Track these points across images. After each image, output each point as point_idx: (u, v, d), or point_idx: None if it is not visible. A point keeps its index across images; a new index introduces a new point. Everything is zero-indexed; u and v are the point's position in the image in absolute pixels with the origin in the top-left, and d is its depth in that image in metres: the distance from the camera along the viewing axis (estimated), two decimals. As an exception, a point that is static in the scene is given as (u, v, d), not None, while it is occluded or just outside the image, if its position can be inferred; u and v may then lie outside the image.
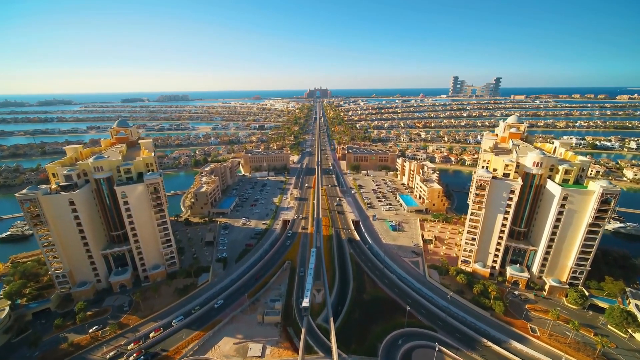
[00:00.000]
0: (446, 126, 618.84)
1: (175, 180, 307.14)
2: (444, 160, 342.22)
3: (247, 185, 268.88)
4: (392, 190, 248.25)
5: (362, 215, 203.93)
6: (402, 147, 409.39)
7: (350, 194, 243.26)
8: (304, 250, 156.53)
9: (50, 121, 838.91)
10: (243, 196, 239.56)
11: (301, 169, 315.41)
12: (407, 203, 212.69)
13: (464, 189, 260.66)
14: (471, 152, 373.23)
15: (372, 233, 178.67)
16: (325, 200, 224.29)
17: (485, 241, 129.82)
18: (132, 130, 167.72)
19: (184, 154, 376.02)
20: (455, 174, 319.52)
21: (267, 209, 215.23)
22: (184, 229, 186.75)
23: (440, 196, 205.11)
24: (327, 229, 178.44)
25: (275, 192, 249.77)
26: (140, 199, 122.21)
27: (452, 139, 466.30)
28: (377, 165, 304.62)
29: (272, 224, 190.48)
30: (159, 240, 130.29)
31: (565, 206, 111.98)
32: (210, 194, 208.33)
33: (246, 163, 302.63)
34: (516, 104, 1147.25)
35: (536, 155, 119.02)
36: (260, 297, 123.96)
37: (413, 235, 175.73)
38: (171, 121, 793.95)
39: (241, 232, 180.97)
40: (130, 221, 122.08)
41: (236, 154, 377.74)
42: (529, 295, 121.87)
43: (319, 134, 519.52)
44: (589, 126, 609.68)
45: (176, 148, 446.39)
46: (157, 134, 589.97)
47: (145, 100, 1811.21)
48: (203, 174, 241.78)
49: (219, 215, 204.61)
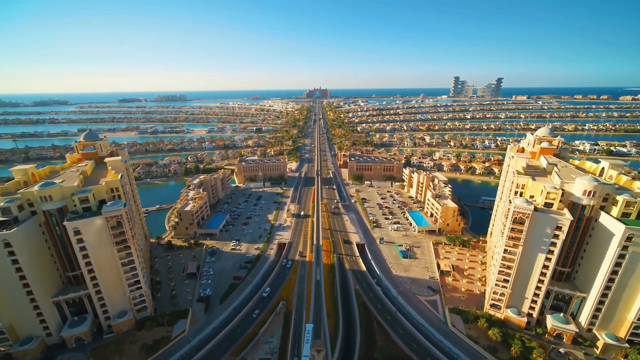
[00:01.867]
0: (450, 129, 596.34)
1: (163, 191, 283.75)
2: (453, 168, 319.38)
3: (240, 198, 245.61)
4: (400, 205, 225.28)
5: (368, 236, 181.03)
6: (406, 153, 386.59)
7: (354, 209, 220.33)
8: (301, 286, 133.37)
9: (41, 123, 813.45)
10: (235, 212, 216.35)
11: (299, 178, 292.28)
12: (418, 222, 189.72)
13: (478, 202, 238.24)
14: (480, 159, 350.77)
15: (379, 260, 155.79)
16: (326, 218, 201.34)
17: (521, 284, 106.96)
18: (101, 144, 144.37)
19: (174, 161, 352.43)
20: (465, 184, 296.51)
21: (260, 228, 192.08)
22: (165, 254, 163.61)
23: (455, 215, 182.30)
24: (328, 256, 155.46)
25: (271, 206, 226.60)
26: (99, 235, 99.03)
27: (459, 144, 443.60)
28: (381, 175, 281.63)
29: (266, 249, 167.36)
30: (124, 283, 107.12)
31: (629, 249, 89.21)
32: (197, 212, 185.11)
33: (240, 173, 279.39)
34: (519, 105, 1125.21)
35: (588, 182, 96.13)
36: (247, 355, 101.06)
37: (427, 264, 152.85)
38: (166, 123, 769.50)
39: (230, 260, 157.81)
40: (87, 262, 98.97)
41: (230, 161, 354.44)
42: (577, 355, 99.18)
43: (319, 137, 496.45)
44: (599, 129, 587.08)
45: (168, 153, 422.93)
46: (150, 137, 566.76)
47: (142, 101, 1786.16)
48: (190, 188, 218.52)
49: (207, 236, 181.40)
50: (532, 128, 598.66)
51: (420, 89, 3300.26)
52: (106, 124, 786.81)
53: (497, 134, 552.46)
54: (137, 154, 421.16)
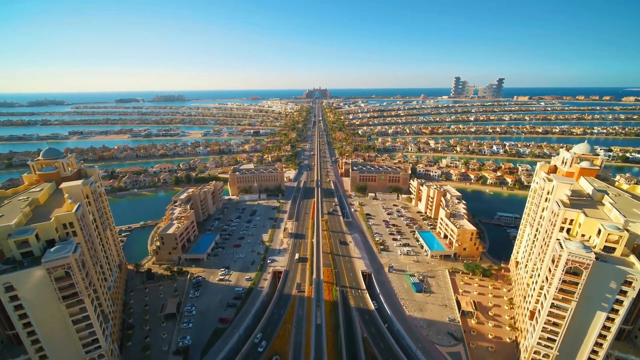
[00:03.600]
0: (455, 133, 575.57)
1: (151, 203, 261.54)
2: (462, 177, 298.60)
3: (232, 213, 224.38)
4: (409, 223, 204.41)
5: (375, 262, 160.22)
6: (410, 159, 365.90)
7: (357, 227, 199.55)
8: (298, 334, 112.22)
9: (33, 124, 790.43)
10: (226, 231, 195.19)
11: (298, 188, 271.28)
12: (431, 246, 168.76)
13: (494, 219, 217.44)
14: (490, 167, 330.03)
15: (389, 295, 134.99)
16: (327, 239, 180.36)
17: (571, 345, 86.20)
18: (65, 162, 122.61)
19: (165, 168, 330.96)
20: (475, 195, 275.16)
21: (254, 252, 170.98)
22: (143, 286, 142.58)
23: (473, 239, 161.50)
24: (330, 289, 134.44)
25: (266, 224, 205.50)
26: (40, 290, 77.92)
27: (465, 149, 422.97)
28: (386, 187, 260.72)
29: (259, 279, 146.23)
30: (77, 343, 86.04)
31: None
32: (182, 235, 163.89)
33: (234, 184, 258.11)
34: (522, 107, 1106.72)
35: (664, 223, 75.46)
36: None
37: (445, 300, 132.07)
38: (161, 125, 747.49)
39: (217, 294, 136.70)
40: (26, 322, 77.97)
41: (225, 169, 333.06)
42: None
43: (319, 142, 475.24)
44: (608, 133, 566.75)
45: (159, 160, 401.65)
46: (143, 141, 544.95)
47: (140, 101, 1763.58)
48: (177, 204, 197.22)
49: (192, 262, 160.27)
50: (539, 131, 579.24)
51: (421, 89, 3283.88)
52: (100, 125, 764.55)
53: (503, 138, 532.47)
54: (127, 160, 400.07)
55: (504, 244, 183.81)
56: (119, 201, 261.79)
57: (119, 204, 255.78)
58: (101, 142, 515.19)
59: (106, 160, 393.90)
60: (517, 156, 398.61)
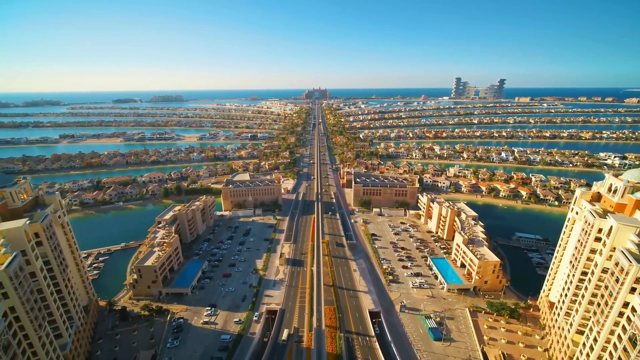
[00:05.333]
0: (459, 137, 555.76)
1: (137, 219, 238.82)
2: (472, 189, 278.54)
3: (224, 232, 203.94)
4: (419, 245, 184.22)
5: (383, 297, 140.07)
6: (416, 167, 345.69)
7: (362, 250, 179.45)
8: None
9: (25, 127, 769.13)
10: (216, 256, 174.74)
11: (296, 202, 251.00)
12: (446, 277, 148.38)
13: (512, 239, 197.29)
14: (501, 176, 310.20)
15: (403, 345, 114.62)
16: (329, 266, 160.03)
17: None
18: (12, 191, 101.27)
19: (155, 178, 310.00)
20: (487, 209, 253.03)
21: (245, 284, 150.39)
22: (114, 332, 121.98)
23: (496, 271, 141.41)
24: (333, 337, 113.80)
25: (261, 246, 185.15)
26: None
27: (472, 156, 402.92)
28: (392, 201, 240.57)
29: (250, 322, 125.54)
30: None
31: None
32: (163, 266, 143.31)
33: (226, 198, 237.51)
34: (525, 108, 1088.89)
35: None
36: None
37: (469, 351, 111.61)
38: (156, 128, 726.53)
39: (200, 342, 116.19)
40: None
41: (218, 179, 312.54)
42: None
43: (319, 147, 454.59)
44: (618, 137, 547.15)
45: (151, 167, 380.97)
46: (136, 145, 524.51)
47: (137, 101, 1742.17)
48: (161, 225, 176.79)
49: (174, 299, 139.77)
50: (547, 135, 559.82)
51: (421, 89, 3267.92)
52: (93, 128, 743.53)
53: (509, 143, 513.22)
54: (116, 167, 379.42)
55: (528, 273, 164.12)
56: (102, 217, 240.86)
57: (101, 221, 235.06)
58: (92, 147, 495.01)
59: (94, 168, 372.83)
60: (528, 164, 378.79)
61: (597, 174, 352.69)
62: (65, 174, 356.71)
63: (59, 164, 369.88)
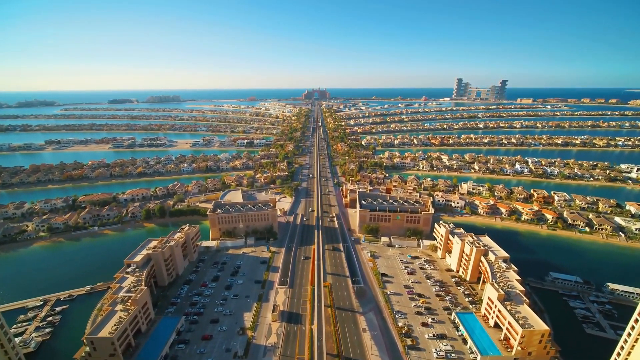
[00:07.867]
0: (467, 144, 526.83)
1: (112, 247, 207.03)
2: (491, 211, 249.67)
3: (208, 271, 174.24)
4: (439, 290, 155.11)
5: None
6: (425, 182, 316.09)
7: (371, 297, 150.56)
8: None
9: (12, 130, 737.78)
10: (196, 306, 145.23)
11: (294, 228, 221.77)
12: (479, 344, 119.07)
13: (546, 281, 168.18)
14: (520, 194, 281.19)
15: None
16: (332, 325, 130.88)
17: None
18: None
19: (138, 195, 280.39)
20: (508, 235, 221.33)
21: (229, 351, 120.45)
22: None
23: (544, 342, 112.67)
24: None
25: (251, 292, 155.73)
26: None
27: (484, 168, 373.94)
28: (403, 228, 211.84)
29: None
30: None
31: None
32: (125, 333, 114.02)
33: (214, 225, 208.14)
34: (529, 111, 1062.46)
35: None
36: None
37: None
38: (149, 132, 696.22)
39: None
40: None
41: (207, 196, 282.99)
42: None
43: (318, 157, 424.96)
44: (634, 145, 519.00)
45: (137, 179, 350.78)
46: (125, 152, 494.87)
47: (133, 102, 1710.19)
48: (130, 270, 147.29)
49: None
50: (558, 142, 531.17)
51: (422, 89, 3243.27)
52: (83, 132, 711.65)
53: (520, 151, 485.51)
54: (99, 180, 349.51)
55: (573, 331, 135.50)
56: (72, 245, 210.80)
57: (70, 251, 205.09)
58: (78, 154, 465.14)
59: (75, 181, 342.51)
60: (545, 177, 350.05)
61: (621, 188, 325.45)
62: (42, 188, 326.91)
63: (36, 177, 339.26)
